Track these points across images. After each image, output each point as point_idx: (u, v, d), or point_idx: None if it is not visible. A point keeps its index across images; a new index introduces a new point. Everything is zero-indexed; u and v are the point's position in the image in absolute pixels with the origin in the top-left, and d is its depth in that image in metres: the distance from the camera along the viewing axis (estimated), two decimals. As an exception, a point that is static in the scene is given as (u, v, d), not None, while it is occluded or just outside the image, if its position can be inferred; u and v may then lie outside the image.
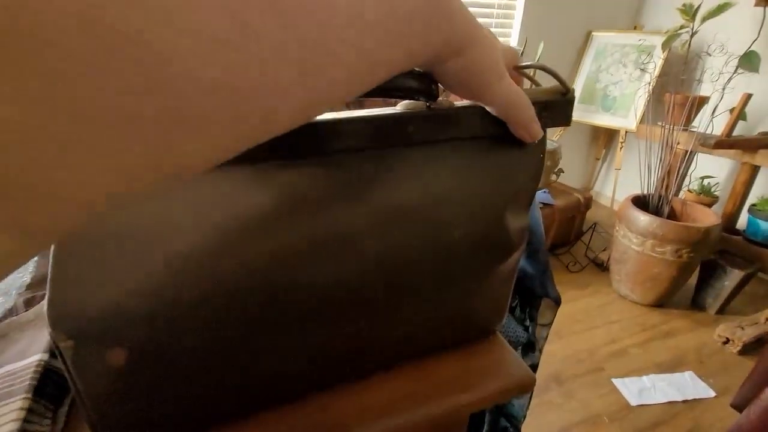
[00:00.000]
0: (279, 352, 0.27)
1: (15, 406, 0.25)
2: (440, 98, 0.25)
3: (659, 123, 1.60)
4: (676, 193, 1.54)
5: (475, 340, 0.37)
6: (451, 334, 0.35)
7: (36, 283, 0.35)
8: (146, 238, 0.22)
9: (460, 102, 0.26)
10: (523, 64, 0.27)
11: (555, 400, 1.14)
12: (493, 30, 1.89)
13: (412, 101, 0.25)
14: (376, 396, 0.32)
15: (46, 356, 0.29)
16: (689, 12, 1.52)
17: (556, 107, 0.27)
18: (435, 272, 0.30)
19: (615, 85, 2.00)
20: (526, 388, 0.34)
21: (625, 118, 1.95)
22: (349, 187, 0.25)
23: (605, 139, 2.32)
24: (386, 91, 0.22)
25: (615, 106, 2.00)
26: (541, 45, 1.67)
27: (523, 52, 1.72)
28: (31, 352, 0.29)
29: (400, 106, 0.25)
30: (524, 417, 0.66)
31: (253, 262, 0.24)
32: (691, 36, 1.54)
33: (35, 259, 0.35)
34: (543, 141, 0.29)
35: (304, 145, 0.23)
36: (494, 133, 0.26)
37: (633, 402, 1.13)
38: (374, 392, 0.32)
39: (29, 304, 0.34)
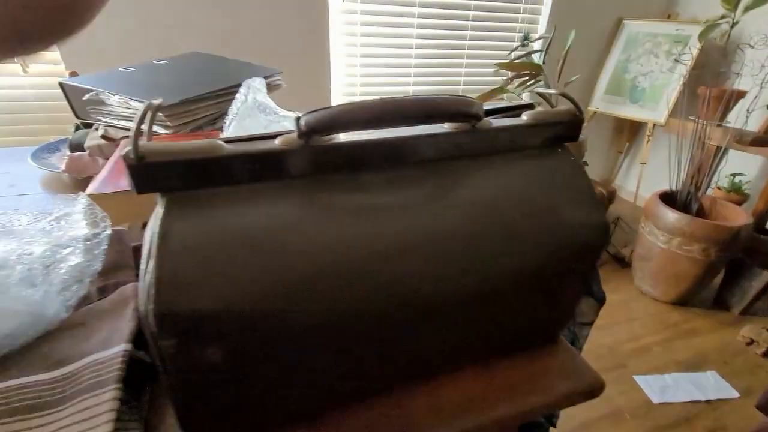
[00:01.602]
0: (365, 353, 0.27)
1: (108, 397, 0.26)
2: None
3: (691, 117, 1.56)
4: (705, 190, 1.51)
5: (542, 343, 0.36)
6: (519, 337, 0.34)
7: (106, 271, 0.35)
8: (245, 246, 0.23)
9: (499, 123, 0.30)
10: (543, 90, 0.33)
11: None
12: (520, 17, 1.84)
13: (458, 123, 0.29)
14: (447, 396, 0.31)
15: (129, 347, 0.29)
16: (731, 1, 1.45)
17: (570, 126, 0.31)
18: (511, 271, 0.29)
19: (645, 76, 1.94)
20: (596, 392, 0.34)
21: (654, 111, 1.89)
22: (428, 189, 0.27)
23: (630, 132, 2.27)
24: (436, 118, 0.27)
25: (644, 98, 1.94)
26: (572, 33, 1.62)
27: (551, 40, 1.67)
28: (114, 341, 0.29)
29: (449, 126, 0.29)
30: (559, 413, 0.66)
31: (351, 268, 0.24)
32: (732, 26, 1.47)
33: (104, 247, 0.35)
34: (567, 150, 0.32)
35: (388, 156, 0.27)
36: (531, 145, 0.31)
37: (655, 399, 1.13)
38: (446, 392, 0.32)
39: (102, 292, 0.34)
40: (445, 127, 0.29)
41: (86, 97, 0.63)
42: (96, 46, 1.26)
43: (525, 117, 0.31)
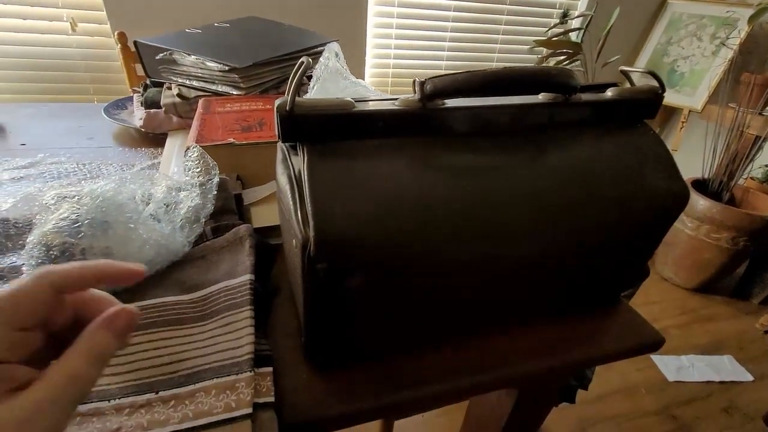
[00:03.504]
0: (461, 296, 0.31)
1: (245, 315, 0.30)
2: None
3: (731, 104, 1.52)
4: (738, 180, 1.49)
5: (607, 302, 0.39)
6: (590, 295, 0.38)
7: (218, 212, 0.39)
8: (372, 189, 0.26)
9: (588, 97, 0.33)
10: (629, 68, 0.35)
11: (596, 369, 1.19)
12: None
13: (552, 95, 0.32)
14: (527, 341, 0.35)
15: (253, 277, 0.33)
16: (788, -17, 1.39)
17: (650, 103, 0.34)
18: (596, 228, 0.32)
19: (685, 60, 1.88)
20: (657, 346, 0.37)
21: (692, 97, 1.85)
22: (526, 153, 0.31)
23: (662, 116, 2.22)
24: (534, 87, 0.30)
25: (682, 83, 1.89)
26: (616, 11, 1.57)
27: (591, 18, 1.63)
28: (238, 272, 0.33)
29: (543, 96, 0.32)
30: (592, 376, 0.70)
31: (457, 218, 0.27)
32: (786, 10, 1.42)
33: (215, 192, 0.39)
34: (646, 125, 0.35)
35: (492, 121, 0.31)
36: (615, 118, 0.34)
37: (670, 378, 1.17)
38: (527, 337, 0.35)
39: (215, 231, 0.38)
40: (540, 98, 0.32)
41: (159, 56, 0.66)
42: (141, 7, 1.27)
43: (610, 93, 0.34)
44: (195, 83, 0.65)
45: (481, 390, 0.34)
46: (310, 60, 0.26)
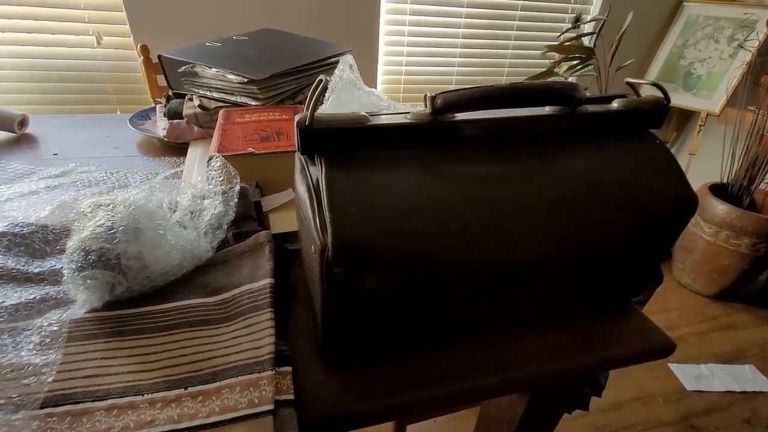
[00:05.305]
0: (472, 299, 0.32)
1: (266, 317, 0.32)
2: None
3: (750, 107, 1.49)
4: (758, 184, 1.46)
5: (617, 307, 0.40)
6: (600, 300, 0.38)
7: (239, 219, 0.41)
8: (386, 197, 0.28)
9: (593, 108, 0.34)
10: (635, 80, 0.35)
11: (609, 375, 1.17)
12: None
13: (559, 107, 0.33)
14: (537, 345, 0.36)
15: (273, 281, 0.35)
16: (809, -16, 1.36)
17: (655, 114, 0.35)
18: (603, 236, 0.33)
19: (702, 62, 1.86)
20: (668, 351, 0.38)
21: (709, 100, 1.81)
22: (532, 163, 0.32)
23: (678, 120, 2.19)
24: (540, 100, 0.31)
25: (699, 86, 1.86)
26: (630, 15, 1.57)
27: (603, 22, 1.62)
28: (259, 276, 0.35)
29: (549, 109, 0.33)
30: (605, 383, 0.70)
31: (465, 226, 0.29)
32: (806, 11, 1.39)
33: (236, 200, 0.41)
34: (652, 135, 0.36)
35: (500, 133, 0.32)
36: (621, 129, 0.35)
37: (689, 387, 1.15)
38: (537, 341, 0.36)
39: (237, 237, 0.40)
40: (546, 110, 0.33)
41: (182, 69, 0.69)
42: (163, 21, 1.33)
43: (615, 104, 0.35)
44: (215, 95, 0.67)
45: (492, 392, 0.35)
46: (327, 78, 0.28)
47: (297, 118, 0.28)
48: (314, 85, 0.29)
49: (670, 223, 0.34)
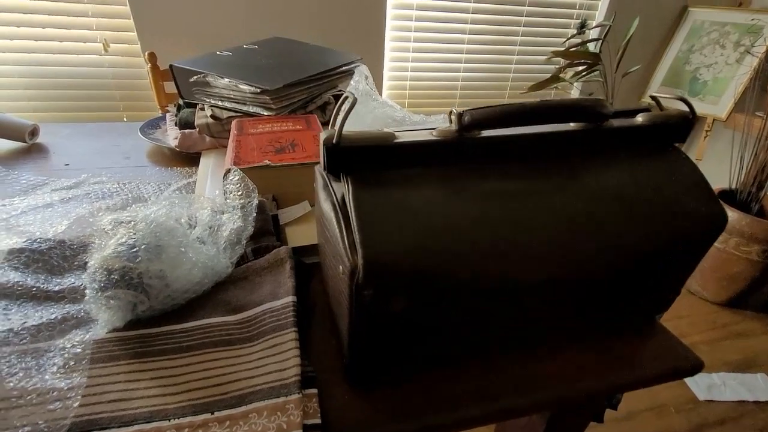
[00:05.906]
0: (500, 318, 0.31)
1: (290, 337, 0.31)
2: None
3: (758, 113, 1.49)
4: (767, 191, 1.45)
5: (643, 324, 0.39)
6: (626, 316, 0.37)
7: (257, 234, 0.41)
8: (414, 216, 0.27)
9: (619, 123, 0.33)
10: (657, 95, 0.35)
11: (619, 385, 1.16)
12: (578, 2, 1.78)
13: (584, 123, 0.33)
14: (556, 365, 0.35)
15: (295, 299, 0.34)
16: (816, -10, 1.36)
17: (680, 127, 0.34)
18: (631, 251, 0.32)
19: (708, 68, 1.85)
20: (696, 370, 0.37)
21: (715, 105, 1.81)
22: (558, 178, 0.31)
23: (684, 126, 2.18)
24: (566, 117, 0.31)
25: (705, 91, 1.86)
26: (636, 21, 1.57)
27: (609, 28, 1.62)
28: (281, 294, 0.35)
29: (574, 124, 0.33)
30: (621, 396, 0.69)
31: (493, 243, 0.28)
32: (814, 17, 1.38)
33: (255, 214, 0.40)
34: (678, 150, 0.35)
35: (526, 149, 0.32)
36: (646, 143, 0.34)
37: (701, 397, 1.14)
38: (558, 364, 0.35)
39: (256, 253, 0.40)
40: (572, 126, 0.33)
41: (193, 78, 0.68)
42: (170, 29, 1.33)
43: (640, 118, 0.34)
44: (227, 104, 0.67)
45: (516, 413, 0.34)
46: (356, 97, 0.27)
47: (323, 137, 0.28)
48: (341, 101, 0.29)
49: (700, 240, 0.33)
